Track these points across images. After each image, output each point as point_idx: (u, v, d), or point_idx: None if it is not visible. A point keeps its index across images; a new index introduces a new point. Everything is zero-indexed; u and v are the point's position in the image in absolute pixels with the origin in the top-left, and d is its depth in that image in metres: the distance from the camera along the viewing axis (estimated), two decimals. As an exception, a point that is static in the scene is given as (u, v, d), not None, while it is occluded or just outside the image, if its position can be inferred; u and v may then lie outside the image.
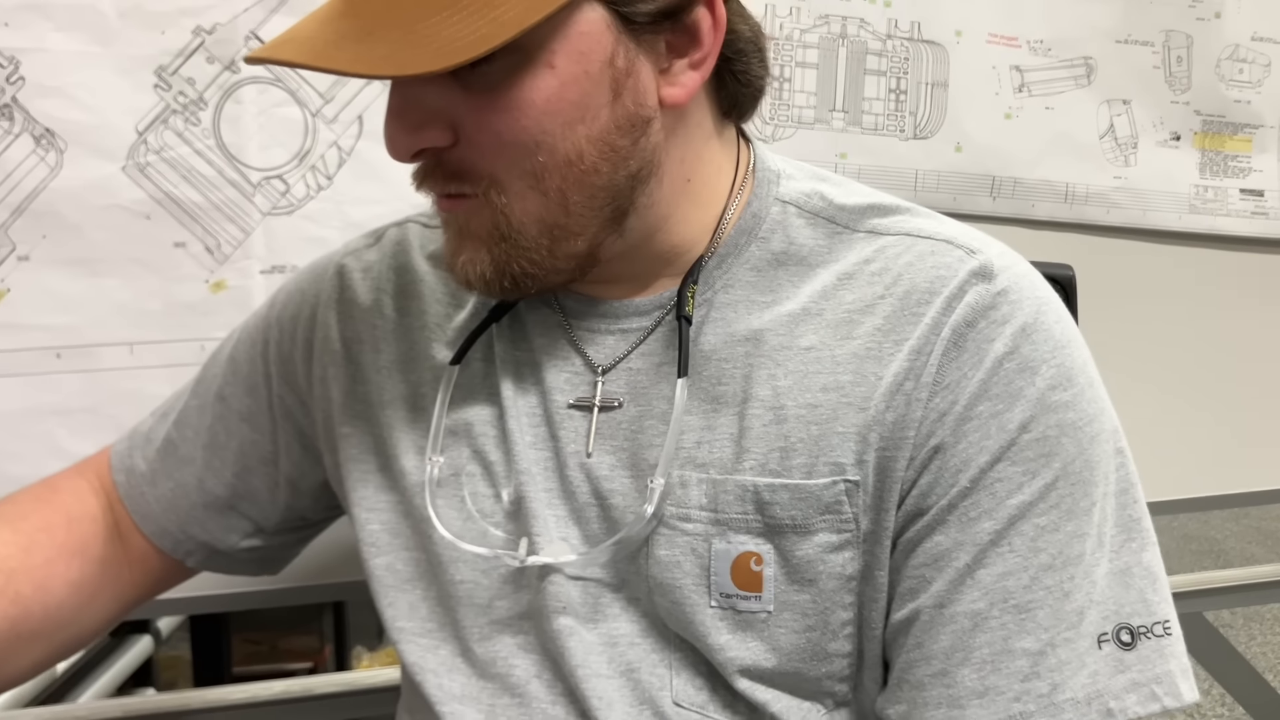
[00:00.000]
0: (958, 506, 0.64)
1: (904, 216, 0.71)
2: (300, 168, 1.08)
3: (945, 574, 0.64)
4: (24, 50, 0.99)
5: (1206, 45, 1.35)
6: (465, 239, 0.66)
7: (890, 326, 0.66)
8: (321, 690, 1.24)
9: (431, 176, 0.65)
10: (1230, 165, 1.38)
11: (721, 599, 0.67)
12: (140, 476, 0.86)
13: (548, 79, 0.61)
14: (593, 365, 0.72)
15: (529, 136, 0.61)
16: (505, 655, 0.72)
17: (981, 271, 0.66)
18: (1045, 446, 0.63)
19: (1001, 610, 0.62)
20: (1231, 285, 1.42)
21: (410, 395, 0.77)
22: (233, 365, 0.85)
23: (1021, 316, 0.65)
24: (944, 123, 1.28)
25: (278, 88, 1.06)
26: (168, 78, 1.03)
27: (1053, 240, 1.33)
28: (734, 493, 0.67)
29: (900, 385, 0.65)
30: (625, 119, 0.64)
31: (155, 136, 1.04)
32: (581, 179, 0.63)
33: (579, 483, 0.70)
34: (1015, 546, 0.63)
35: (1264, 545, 4.22)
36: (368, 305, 0.80)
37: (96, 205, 1.03)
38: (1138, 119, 1.35)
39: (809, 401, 0.66)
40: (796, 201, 0.72)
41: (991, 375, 0.64)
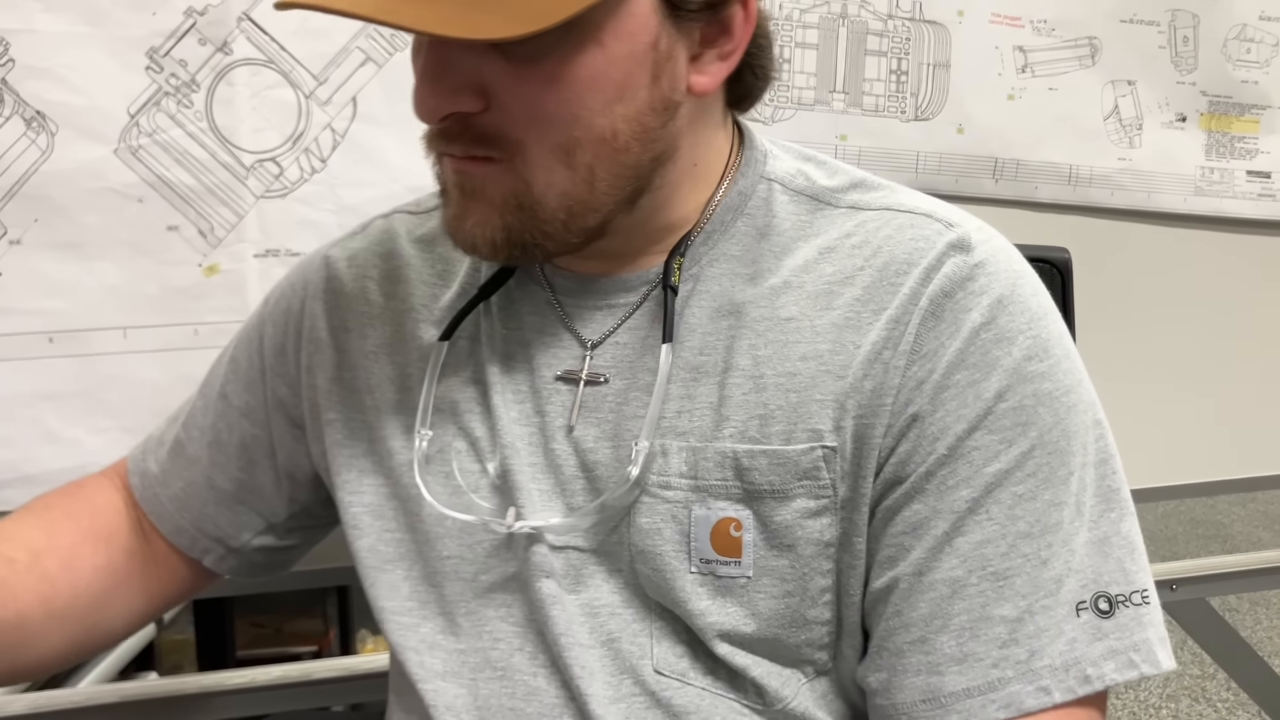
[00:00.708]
0: (935, 474, 0.65)
1: (885, 192, 0.73)
2: (294, 151, 1.07)
3: (923, 542, 0.65)
4: (13, 31, 0.98)
5: (1213, 25, 1.33)
6: (476, 202, 0.65)
7: (869, 296, 0.67)
8: (323, 675, 1.24)
9: (452, 138, 0.64)
10: (1237, 146, 1.37)
11: (701, 564, 0.68)
12: (153, 478, 0.87)
13: (595, 56, 0.61)
14: (582, 340, 0.73)
15: (569, 111, 0.62)
16: (490, 629, 0.72)
17: (959, 244, 0.67)
18: (1022, 415, 0.64)
19: (980, 578, 0.63)
20: (1237, 268, 1.41)
21: (397, 376, 0.78)
22: (233, 364, 0.86)
23: (998, 288, 0.66)
24: (946, 104, 1.26)
25: (270, 70, 1.05)
26: (159, 59, 1.02)
27: (1056, 223, 1.32)
28: (714, 459, 0.67)
29: (879, 354, 0.66)
30: (660, 102, 0.65)
31: (147, 119, 1.03)
32: (612, 157, 0.64)
33: (564, 455, 0.71)
34: (993, 514, 0.64)
35: (1270, 530, 4.21)
36: (354, 292, 0.81)
37: (88, 188, 1.02)
38: (1143, 100, 1.33)
39: (788, 370, 0.67)
40: (781, 179, 0.73)
41: (968, 345, 0.65)
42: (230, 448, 0.85)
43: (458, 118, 0.63)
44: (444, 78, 0.62)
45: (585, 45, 0.61)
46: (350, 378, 0.79)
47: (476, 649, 0.73)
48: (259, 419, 0.85)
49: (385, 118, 1.08)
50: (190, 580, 0.89)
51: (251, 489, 0.86)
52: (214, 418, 0.86)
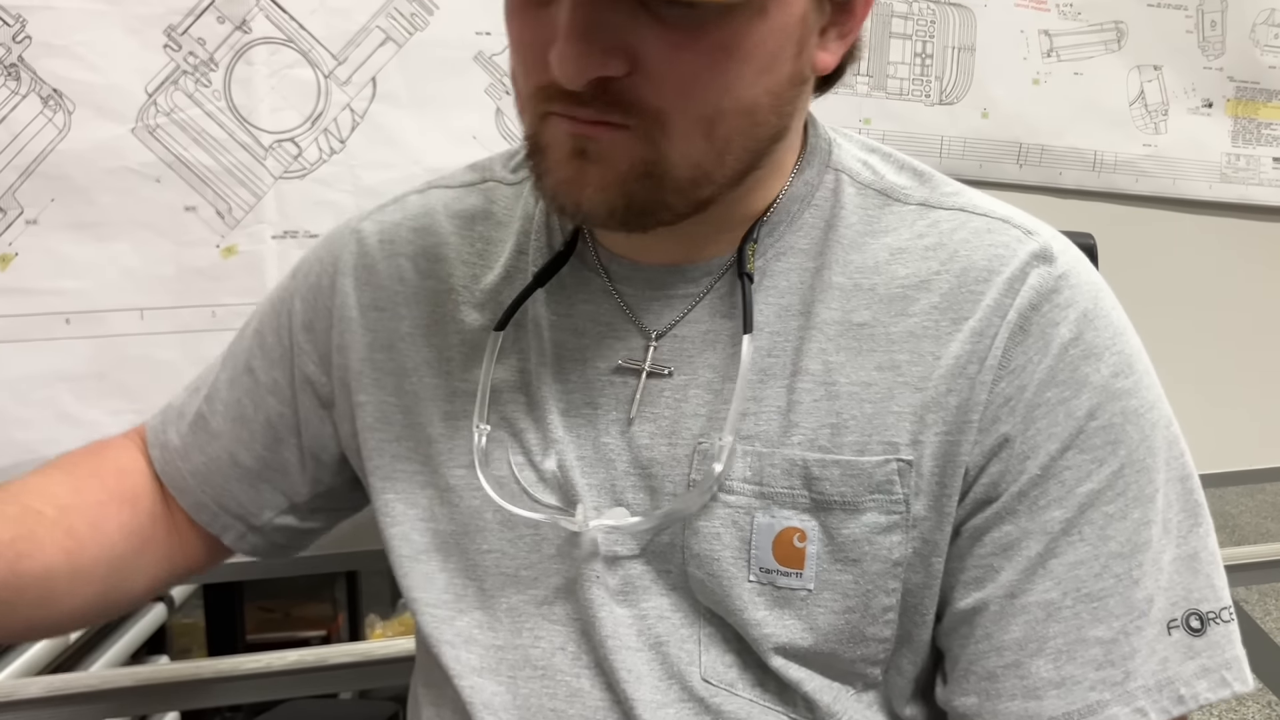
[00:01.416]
0: (1028, 495, 0.64)
1: (955, 191, 0.71)
2: (312, 131, 1.06)
3: (1015, 563, 0.64)
4: (30, 8, 0.97)
5: (1241, 9, 1.32)
6: (597, 166, 0.61)
7: (947, 304, 0.65)
8: (335, 660, 1.23)
9: (584, 101, 0.59)
10: (1264, 133, 1.35)
11: (761, 574, 0.66)
12: (174, 451, 0.84)
13: (758, 25, 0.58)
14: (645, 330, 0.70)
15: (723, 80, 0.59)
16: (531, 626, 0.71)
17: (1042, 254, 0.66)
18: (1111, 434, 0.63)
19: (1074, 599, 0.62)
20: (1262, 256, 1.39)
21: (437, 361, 0.75)
22: (259, 338, 0.84)
23: (1083, 301, 0.65)
24: (970, 88, 1.25)
25: (289, 49, 1.04)
26: (178, 37, 1.01)
27: (1080, 209, 1.31)
28: (781, 466, 0.66)
29: (963, 368, 0.64)
30: (797, 76, 0.63)
31: (165, 98, 1.02)
32: (749, 130, 0.62)
33: (617, 450, 0.69)
34: (1085, 535, 0.63)
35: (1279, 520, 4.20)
36: (387, 270, 0.78)
37: (105, 168, 1.01)
38: (1169, 85, 1.32)
39: (863, 379, 0.66)
40: (849, 170, 0.71)
41: (1058, 361, 0.64)
42: (255, 424, 0.83)
43: (599, 81, 0.58)
44: (595, 37, 0.57)
45: (749, 13, 0.58)
46: (383, 359, 0.77)
47: (516, 645, 0.71)
48: (285, 396, 0.83)
49: (405, 98, 1.07)
50: (209, 554, 0.87)
51: (276, 467, 0.84)
52: (239, 393, 0.84)
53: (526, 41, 0.61)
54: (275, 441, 0.83)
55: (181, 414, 0.86)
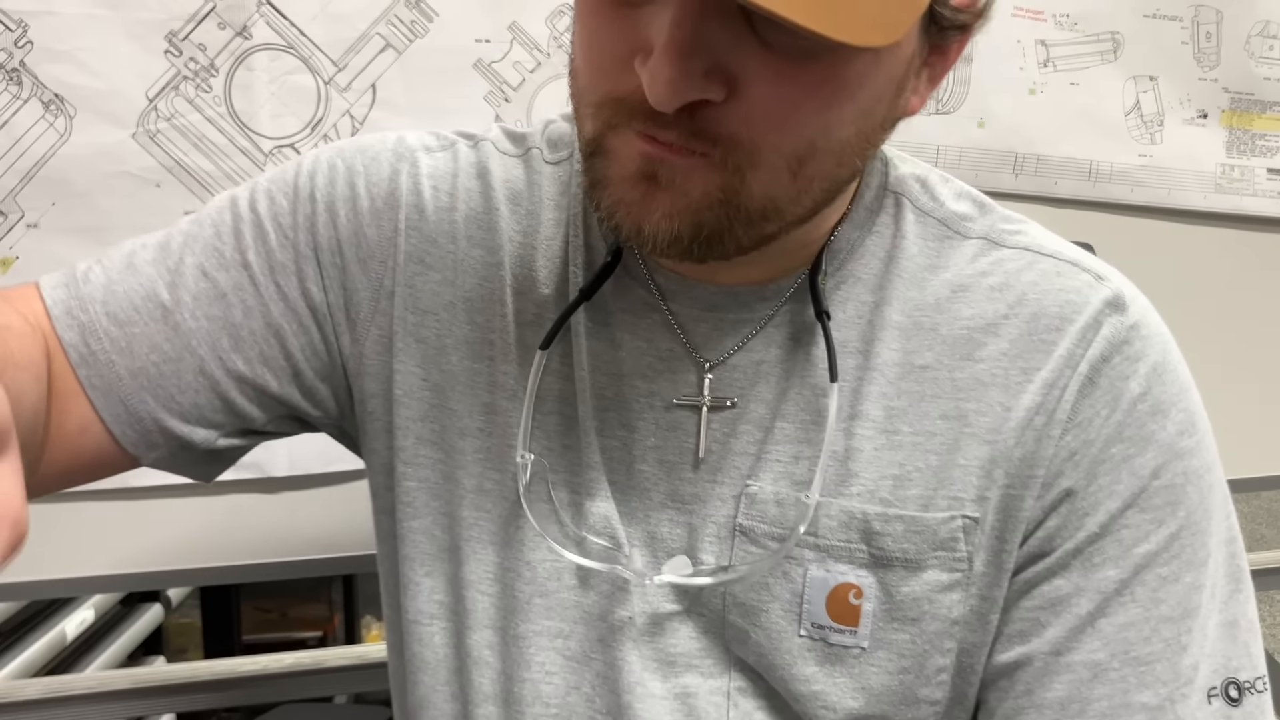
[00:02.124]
0: (1083, 551, 0.61)
1: (1018, 227, 0.67)
2: (312, 137, 1.06)
3: (1063, 619, 0.61)
4: (32, 13, 0.98)
5: (1236, 21, 1.32)
6: (667, 193, 0.54)
7: (1018, 353, 0.62)
8: (332, 663, 1.24)
9: (668, 124, 0.52)
10: (1258, 144, 1.36)
11: (813, 629, 0.62)
12: (107, 339, 0.66)
13: (870, 65, 0.53)
14: (697, 358, 0.65)
15: (824, 117, 0.54)
16: (542, 660, 0.66)
17: (1115, 302, 0.63)
18: (1172, 494, 0.61)
19: (1122, 662, 0.60)
20: (1256, 266, 1.40)
21: (479, 343, 0.68)
22: (259, 233, 0.69)
23: (1153, 355, 0.63)
24: (967, 98, 1.26)
25: (290, 55, 1.04)
26: (179, 43, 1.02)
27: (1075, 218, 1.31)
28: (838, 518, 0.62)
29: (1031, 420, 0.62)
30: (891, 118, 0.58)
31: (166, 103, 1.02)
32: (833, 171, 0.57)
33: (653, 480, 0.65)
34: (1138, 597, 0.60)
35: (1275, 527, 4.21)
36: (437, 223, 0.69)
37: (106, 172, 1.01)
38: (1164, 96, 1.32)
39: (927, 428, 0.62)
40: (908, 194, 0.67)
41: (1126, 417, 0.61)
42: (242, 331, 0.68)
43: (689, 106, 0.51)
44: (697, 56, 0.50)
45: (863, 50, 0.51)
46: (418, 323, 0.68)
47: (525, 679, 0.66)
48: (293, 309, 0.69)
49: (405, 104, 1.08)
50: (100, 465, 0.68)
51: (253, 382, 0.69)
52: (225, 287, 0.68)
53: (605, 44, 0.54)
54: (262, 358, 0.68)
55: (110, 292, 0.67)
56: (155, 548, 1.11)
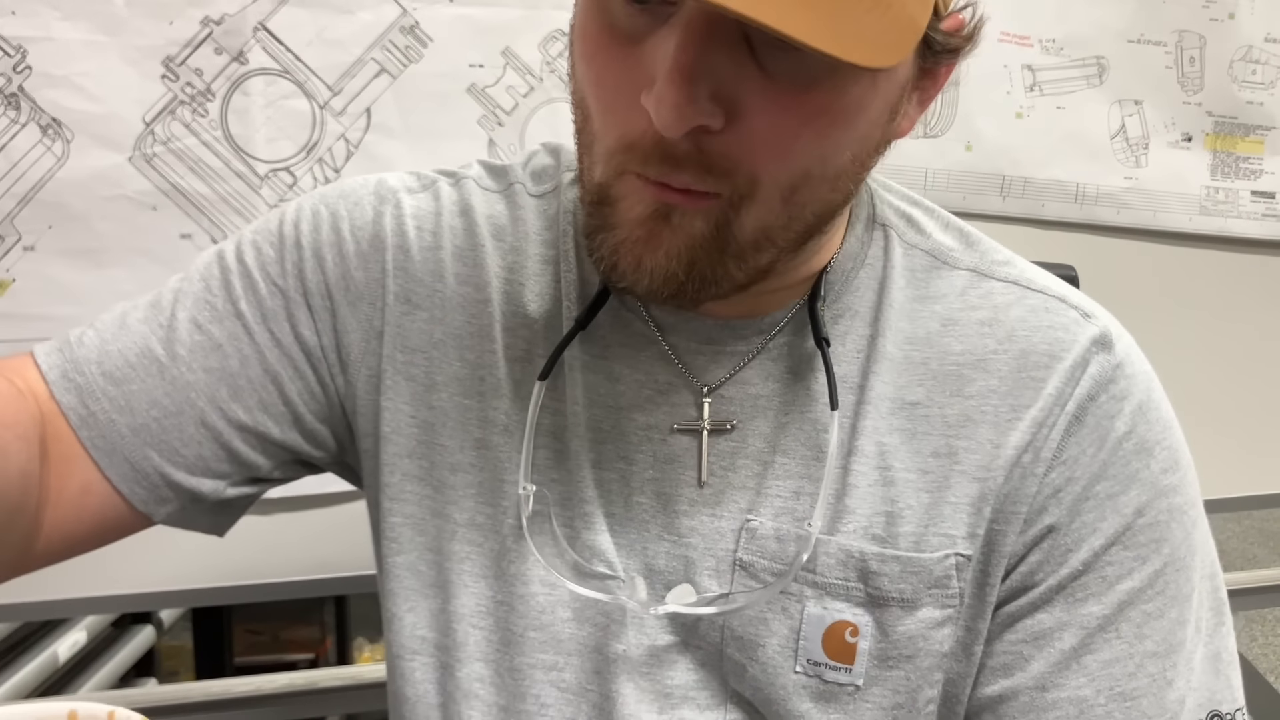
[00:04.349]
0: (1066, 587, 0.62)
1: (1005, 260, 0.68)
2: (308, 160, 1.07)
3: (1047, 654, 0.62)
4: (31, 39, 0.99)
5: (1219, 46, 1.34)
6: (671, 232, 0.55)
7: (1007, 390, 0.63)
8: (324, 684, 1.24)
9: (680, 163, 0.53)
10: (1242, 167, 1.38)
11: (808, 665, 0.62)
12: (105, 399, 0.66)
13: (868, 90, 0.53)
14: (694, 385, 0.65)
15: (823, 145, 0.54)
16: (537, 693, 0.65)
17: (1102, 340, 0.64)
18: (1157, 532, 0.62)
19: (1108, 698, 0.60)
20: (1241, 287, 1.41)
21: (470, 379, 0.68)
22: (249, 283, 0.69)
23: (1138, 394, 0.64)
24: (954, 121, 1.27)
25: (285, 80, 1.05)
26: (175, 68, 1.03)
27: (1062, 240, 1.33)
28: (835, 556, 0.62)
29: (1019, 458, 0.62)
30: (884, 144, 0.59)
31: (162, 127, 1.03)
32: (827, 197, 0.57)
33: (651, 511, 0.65)
34: (1123, 633, 0.61)
35: (1266, 546, 4.21)
36: (423, 262, 0.69)
37: (103, 196, 1.02)
38: (1149, 119, 1.34)
39: (919, 466, 0.62)
40: (895, 226, 0.68)
41: (1112, 455, 0.62)
42: (240, 379, 0.68)
43: (694, 134, 0.52)
44: (701, 81, 0.50)
45: (861, 77, 0.52)
46: (407, 362, 0.68)
47: (520, 710, 0.65)
48: (287, 354, 0.70)
49: (399, 128, 1.09)
50: (110, 529, 0.68)
51: (255, 430, 0.69)
52: (221, 338, 0.68)
53: (612, 83, 0.54)
54: (262, 405, 0.69)
55: (105, 353, 0.67)
56: (148, 569, 1.11)
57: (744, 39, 0.51)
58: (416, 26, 1.08)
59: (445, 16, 1.09)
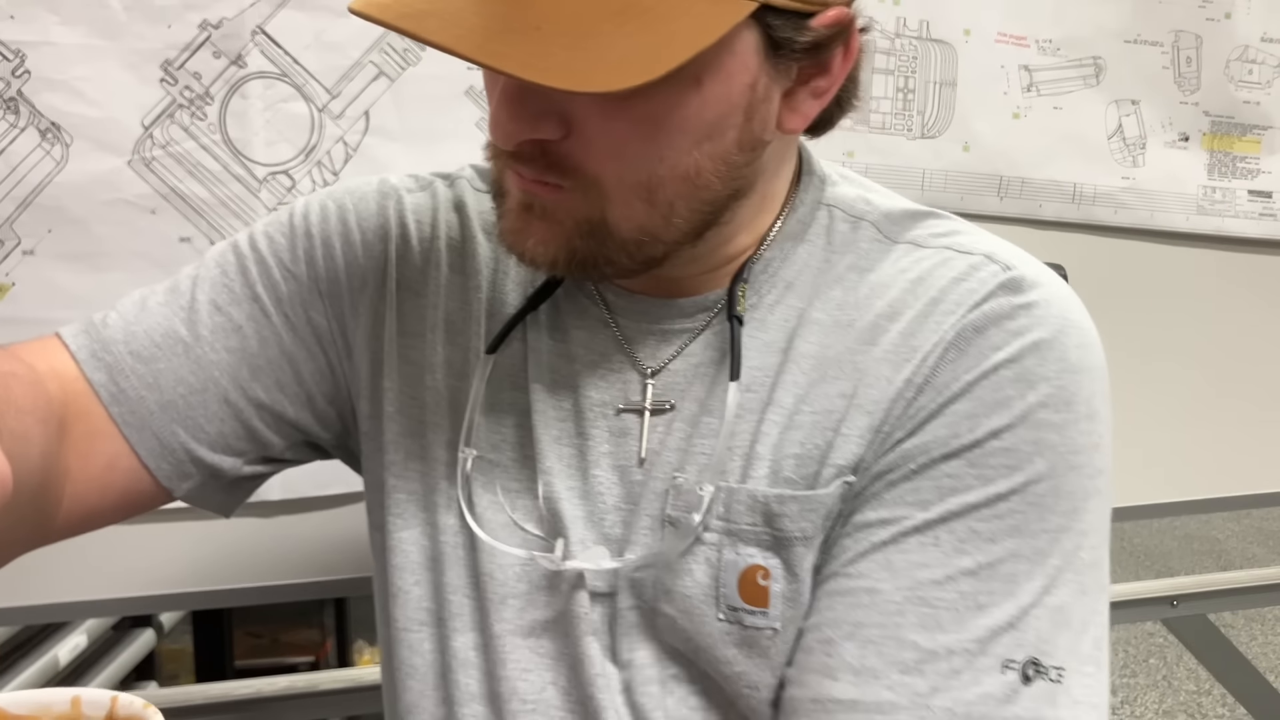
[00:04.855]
0: (897, 486, 0.62)
1: (946, 230, 0.69)
2: (306, 163, 1.07)
3: (859, 545, 0.62)
4: (29, 43, 0.99)
5: (1216, 46, 1.35)
6: (542, 222, 0.62)
7: (911, 330, 0.64)
8: (324, 686, 1.24)
9: (525, 160, 0.60)
10: (1239, 166, 1.38)
11: (729, 612, 0.65)
12: (134, 376, 0.70)
13: (691, 97, 0.58)
14: (640, 366, 0.70)
15: (654, 151, 0.59)
16: (518, 658, 0.69)
17: (1011, 284, 0.64)
18: (1011, 459, 0.61)
19: (904, 597, 0.60)
20: (1239, 287, 1.42)
21: (459, 363, 0.73)
22: (264, 269, 0.74)
23: (1039, 332, 0.63)
24: (952, 122, 1.27)
25: (284, 83, 1.06)
26: (174, 72, 1.03)
27: (1060, 240, 1.33)
28: (745, 503, 0.65)
29: (903, 390, 0.63)
30: (749, 141, 0.62)
31: (161, 131, 1.03)
32: (693, 194, 0.62)
33: (606, 485, 0.68)
34: (940, 540, 0.61)
35: (1265, 545, 4.23)
36: (421, 252, 0.75)
37: (102, 199, 1.02)
38: (1146, 119, 1.34)
39: (825, 407, 0.65)
40: (842, 206, 0.71)
41: (982, 379, 0.62)
42: (260, 359, 0.73)
43: (535, 142, 0.59)
44: (527, 102, 0.58)
45: (682, 86, 0.57)
46: (408, 346, 0.74)
47: (503, 676, 0.69)
48: (301, 337, 0.75)
49: (398, 131, 1.09)
50: (130, 503, 0.72)
51: (272, 409, 0.74)
52: (240, 319, 0.73)
53: (489, 98, 0.62)
54: (278, 384, 0.74)
55: (131, 334, 0.71)
56: (148, 572, 1.11)
57: None
58: (414, 29, 1.08)
59: None
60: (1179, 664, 3.16)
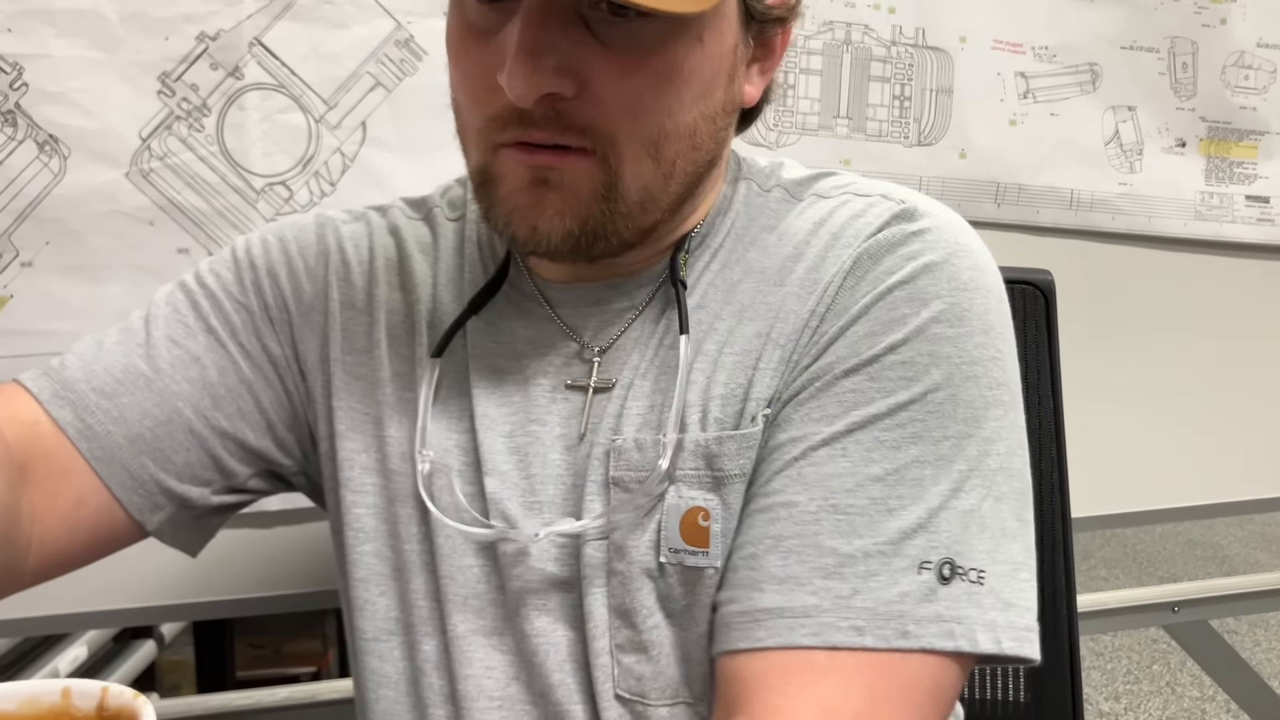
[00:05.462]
0: (804, 405, 0.65)
1: (847, 182, 0.73)
2: (303, 174, 1.08)
3: (773, 464, 0.65)
4: (27, 56, 0.99)
5: (1212, 52, 1.35)
6: (557, 193, 0.63)
7: (814, 265, 0.68)
8: (325, 696, 1.24)
9: (538, 123, 0.62)
10: (1236, 172, 1.38)
11: (670, 554, 0.67)
12: (100, 412, 0.72)
13: (695, 50, 0.62)
14: (588, 348, 0.72)
15: (664, 103, 0.62)
16: (482, 657, 0.71)
17: (903, 214, 0.68)
18: (909, 370, 0.64)
19: (819, 507, 0.63)
20: (1236, 291, 1.42)
21: (406, 374, 0.75)
22: (215, 302, 0.77)
23: (931, 255, 0.66)
24: (948, 129, 1.28)
25: (281, 94, 1.06)
26: (171, 84, 1.03)
27: (1057, 246, 1.33)
28: (689, 449, 0.67)
29: (808, 319, 0.67)
30: (729, 104, 0.67)
31: (159, 143, 1.04)
32: (690, 154, 0.66)
33: (564, 466, 0.70)
34: (849, 451, 0.63)
35: (1268, 551, 4.21)
36: (361, 273, 0.78)
37: (100, 211, 1.03)
38: (1143, 125, 1.35)
39: (743, 348, 0.68)
40: (756, 178, 0.75)
41: (877, 300, 0.65)
42: (219, 389, 0.75)
43: (548, 101, 0.61)
44: (545, 55, 0.59)
45: (688, 40, 0.62)
46: (355, 363, 0.76)
47: (468, 677, 0.71)
48: (258, 365, 0.77)
49: (394, 141, 1.09)
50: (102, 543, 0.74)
51: (233, 437, 0.76)
52: (198, 351, 0.75)
53: (474, 73, 0.64)
54: (238, 414, 0.76)
55: (91, 371, 0.73)
56: (148, 583, 1.11)
57: (580, 18, 0.60)
58: (411, 40, 1.09)
59: (440, 30, 1.06)
60: (1182, 669, 3.16)
